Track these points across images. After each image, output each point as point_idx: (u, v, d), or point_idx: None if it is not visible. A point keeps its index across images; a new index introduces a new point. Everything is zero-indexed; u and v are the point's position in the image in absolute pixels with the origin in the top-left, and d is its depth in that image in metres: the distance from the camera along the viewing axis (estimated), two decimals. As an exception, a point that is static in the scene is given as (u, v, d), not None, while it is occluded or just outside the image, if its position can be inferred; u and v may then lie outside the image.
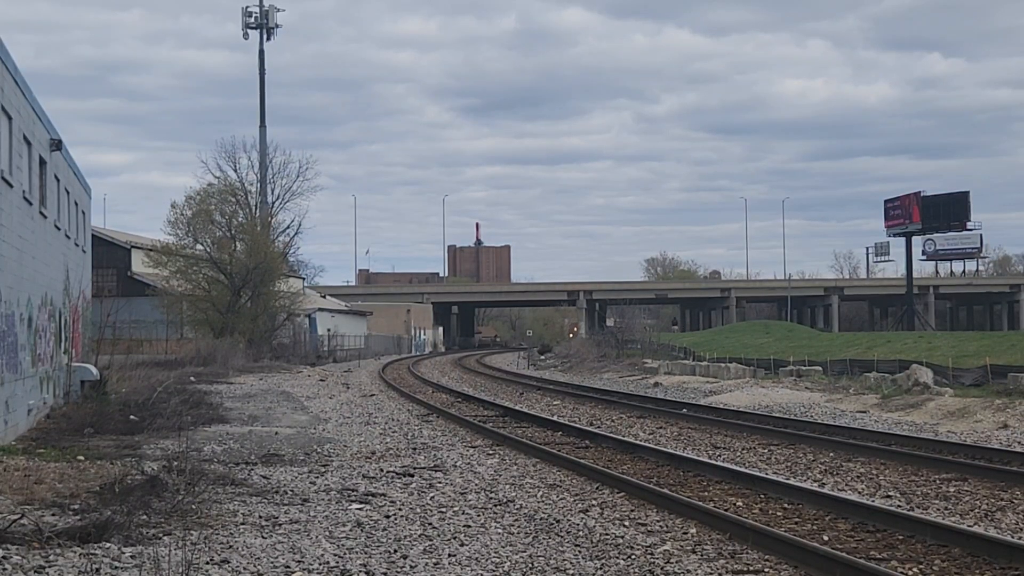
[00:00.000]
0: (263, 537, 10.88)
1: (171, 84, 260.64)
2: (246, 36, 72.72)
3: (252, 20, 72.10)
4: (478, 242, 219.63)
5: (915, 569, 9.82)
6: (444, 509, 12.95)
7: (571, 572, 9.69)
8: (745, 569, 9.80)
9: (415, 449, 19.73)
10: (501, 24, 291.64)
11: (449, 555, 10.27)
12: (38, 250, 22.09)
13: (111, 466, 15.57)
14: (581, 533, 11.46)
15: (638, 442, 20.29)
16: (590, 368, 63.21)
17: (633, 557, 10.28)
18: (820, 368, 46.51)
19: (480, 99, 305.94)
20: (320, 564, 9.71)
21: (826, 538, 11.12)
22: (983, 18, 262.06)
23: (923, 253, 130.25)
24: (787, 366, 49.04)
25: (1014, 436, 21.77)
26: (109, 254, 61.95)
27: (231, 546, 10.34)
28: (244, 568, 9.45)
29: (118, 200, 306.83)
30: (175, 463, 14.16)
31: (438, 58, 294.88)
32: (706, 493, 14.31)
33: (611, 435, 21.37)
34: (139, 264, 64.23)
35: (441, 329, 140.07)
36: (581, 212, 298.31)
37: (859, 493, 14.45)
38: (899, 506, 13.31)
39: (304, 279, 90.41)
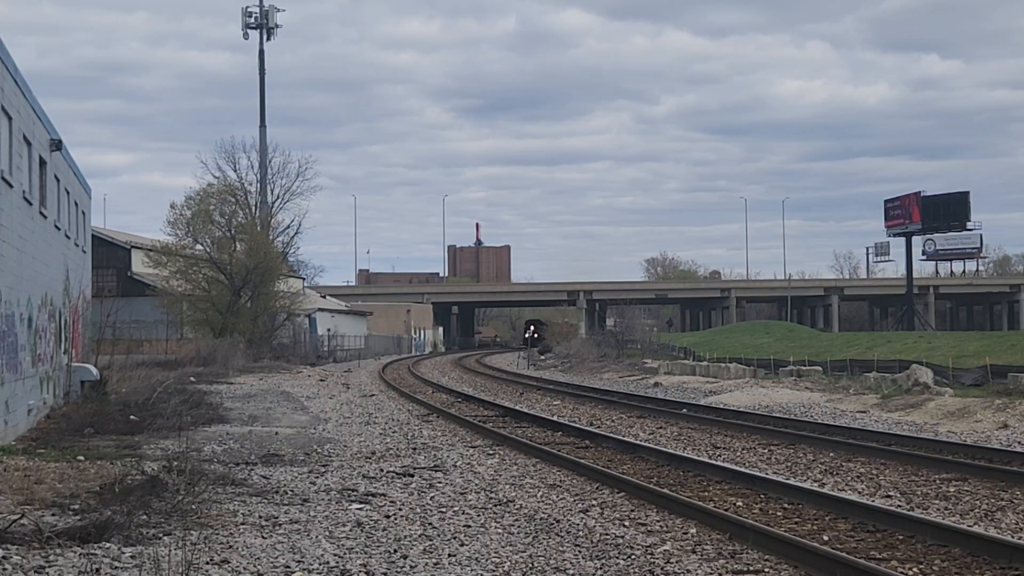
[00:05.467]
0: (263, 537, 10.88)
1: (172, 85, 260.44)
2: (246, 36, 72.83)
3: (252, 20, 72.17)
4: (478, 242, 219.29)
5: (915, 569, 9.82)
6: (444, 509, 12.95)
7: (571, 572, 9.69)
8: (745, 569, 9.80)
9: (415, 449, 19.73)
10: (501, 26, 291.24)
11: (449, 555, 10.28)
12: (38, 250, 22.09)
13: (111, 466, 15.58)
14: (581, 533, 11.46)
15: (638, 442, 20.29)
16: (590, 368, 63.21)
17: (633, 557, 10.28)
18: (820, 368, 46.54)
19: (480, 100, 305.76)
20: (320, 564, 9.71)
21: (826, 538, 11.12)
22: (980, 19, 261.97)
23: (923, 253, 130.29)
24: (787, 366, 49.06)
25: (1014, 436, 21.78)
26: (109, 254, 61.97)
27: (231, 546, 10.34)
28: (244, 568, 9.45)
29: (118, 200, 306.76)
30: (175, 463, 14.16)
31: (439, 59, 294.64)
32: (706, 493, 14.32)
33: (611, 435, 21.37)
34: (139, 264, 64.25)
35: (441, 329, 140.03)
36: (581, 212, 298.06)
37: (859, 493, 14.45)
38: (899, 506, 13.31)
39: (304, 279, 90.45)
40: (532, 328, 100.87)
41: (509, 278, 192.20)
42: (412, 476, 15.84)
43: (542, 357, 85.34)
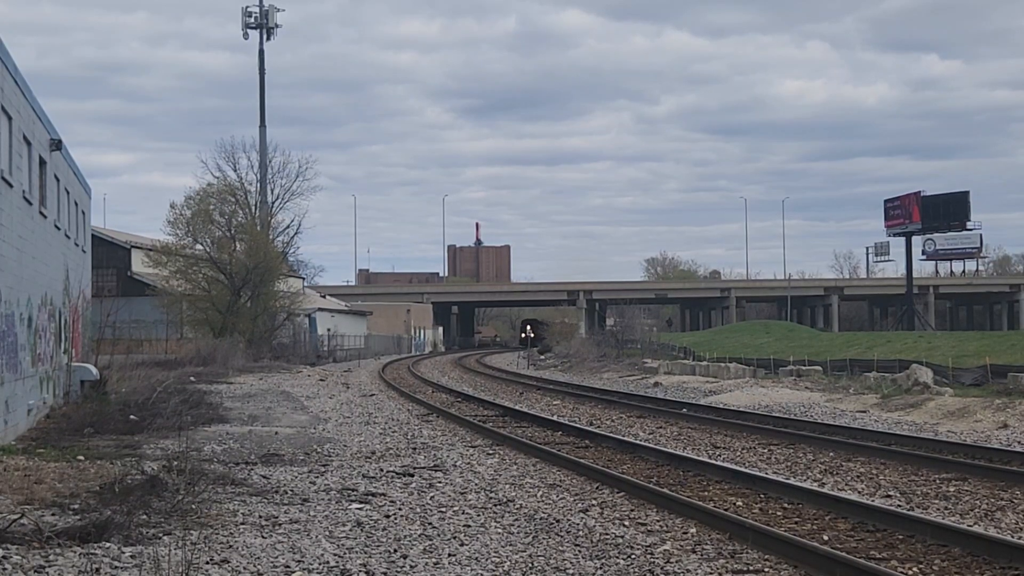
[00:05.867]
0: (263, 537, 10.89)
1: (172, 85, 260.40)
2: (246, 36, 72.89)
3: (252, 20, 72.23)
4: (478, 242, 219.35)
5: (915, 569, 9.82)
6: (444, 509, 12.95)
7: (571, 572, 9.69)
8: (745, 569, 9.80)
9: (415, 449, 19.73)
10: (501, 26, 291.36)
11: (449, 555, 10.28)
12: (38, 250, 22.09)
13: (111, 466, 15.58)
14: (581, 533, 11.46)
15: (638, 442, 20.29)
16: (590, 368, 63.20)
17: (633, 557, 10.28)
18: (820, 368, 46.52)
19: (480, 100, 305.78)
20: (320, 564, 9.71)
21: (826, 538, 11.13)
22: (980, 19, 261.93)
23: (923, 253, 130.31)
24: (787, 366, 49.05)
25: (1014, 436, 21.77)
26: (109, 254, 61.99)
27: (231, 546, 10.34)
28: (244, 568, 9.45)
29: (118, 200, 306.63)
30: (175, 463, 14.17)
31: (439, 59, 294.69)
32: (706, 493, 14.32)
33: (611, 435, 21.37)
34: (139, 264, 64.26)
35: (441, 329, 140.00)
36: (580, 212, 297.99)
37: (859, 493, 14.45)
38: (899, 506, 13.31)
39: (304, 279, 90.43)
40: (528, 328, 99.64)
41: (509, 278, 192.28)
42: (412, 476, 15.85)
43: (542, 357, 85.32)
